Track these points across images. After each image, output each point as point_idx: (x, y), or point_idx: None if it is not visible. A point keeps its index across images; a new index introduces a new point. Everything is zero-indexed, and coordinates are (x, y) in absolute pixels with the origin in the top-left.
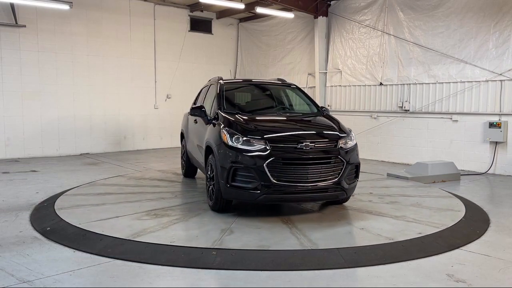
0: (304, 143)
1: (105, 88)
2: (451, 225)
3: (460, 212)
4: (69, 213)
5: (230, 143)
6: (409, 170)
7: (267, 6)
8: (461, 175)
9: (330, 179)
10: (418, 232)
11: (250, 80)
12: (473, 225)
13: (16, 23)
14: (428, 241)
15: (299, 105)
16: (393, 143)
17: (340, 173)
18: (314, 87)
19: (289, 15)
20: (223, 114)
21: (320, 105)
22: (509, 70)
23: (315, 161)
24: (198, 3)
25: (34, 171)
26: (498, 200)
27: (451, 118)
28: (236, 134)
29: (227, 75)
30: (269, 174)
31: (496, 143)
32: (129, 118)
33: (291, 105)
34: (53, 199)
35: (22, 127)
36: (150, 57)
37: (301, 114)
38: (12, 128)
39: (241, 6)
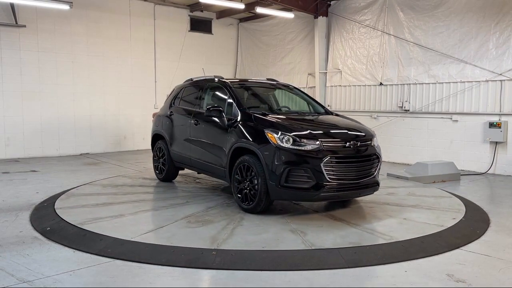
0: (352, 142)
1: (105, 88)
2: (451, 225)
3: (460, 212)
4: (101, 227)
5: (280, 143)
6: (409, 170)
7: (267, 6)
8: (461, 175)
9: (370, 175)
10: (452, 217)
11: (247, 80)
12: (473, 225)
13: (16, 23)
14: (428, 241)
15: (302, 105)
16: (393, 143)
17: (377, 169)
18: (314, 87)
19: (289, 15)
20: (256, 115)
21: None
22: (509, 70)
23: (363, 158)
24: (198, 3)
25: (34, 171)
26: (498, 200)
27: (451, 118)
28: (285, 135)
29: (227, 75)
30: (325, 173)
31: (496, 143)
32: (129, 118)
33: (277, 105)
34: (53, 199)
35: (22, 127)
36: (150, 57)
37: (317, 114)
38: (12, 128)
39: (241, 6)
